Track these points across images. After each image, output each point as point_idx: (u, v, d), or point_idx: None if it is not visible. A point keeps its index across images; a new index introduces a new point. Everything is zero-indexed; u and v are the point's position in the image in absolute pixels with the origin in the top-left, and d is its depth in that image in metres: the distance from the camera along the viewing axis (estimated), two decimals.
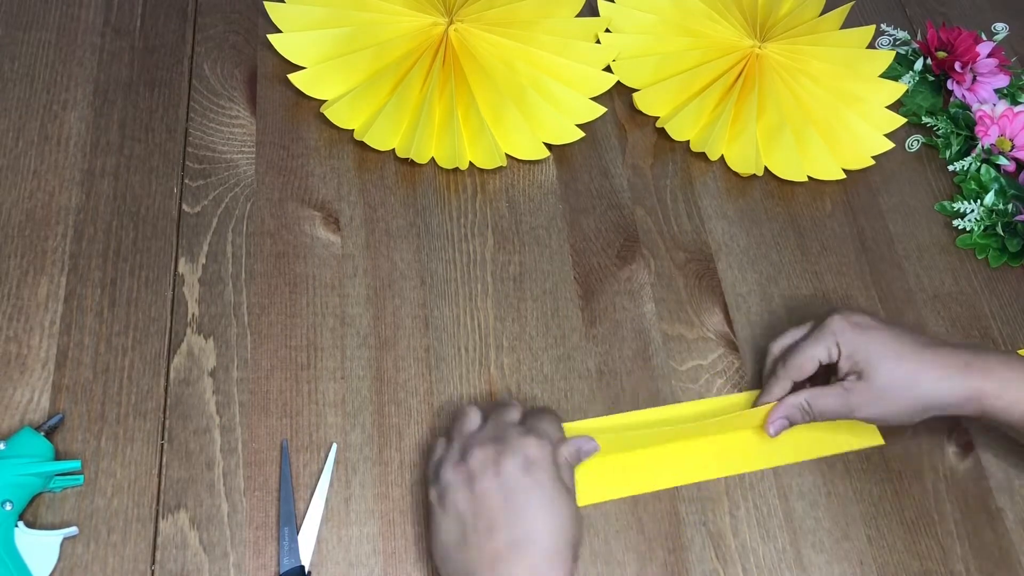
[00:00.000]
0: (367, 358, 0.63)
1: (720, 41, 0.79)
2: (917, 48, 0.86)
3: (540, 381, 0.64)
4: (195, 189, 0.67)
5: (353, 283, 0.65)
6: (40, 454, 0.54)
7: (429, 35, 0.73)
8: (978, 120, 0.80)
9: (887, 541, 0.62)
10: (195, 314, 0.62)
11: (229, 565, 0.54)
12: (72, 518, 0.54)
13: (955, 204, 0.77)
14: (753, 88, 0.76)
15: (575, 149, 0.75)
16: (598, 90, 0.76)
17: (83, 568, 0.53)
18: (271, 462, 0.58)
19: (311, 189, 0.69)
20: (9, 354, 0.59)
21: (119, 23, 0.74)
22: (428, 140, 0.71)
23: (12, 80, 0.70)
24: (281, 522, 0.55)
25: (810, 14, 0.82)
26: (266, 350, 0.62)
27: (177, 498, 0.56)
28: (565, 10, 0.78)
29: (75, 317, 0.61)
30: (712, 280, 0.71)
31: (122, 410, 0.58)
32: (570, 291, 0.68)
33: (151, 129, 0.69)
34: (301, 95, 0.72)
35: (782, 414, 0.61)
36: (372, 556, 0.56)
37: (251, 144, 0.70)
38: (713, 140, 0.75)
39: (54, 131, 0.68)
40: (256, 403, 0.60)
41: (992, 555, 0.62)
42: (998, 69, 0.84)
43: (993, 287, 0.74)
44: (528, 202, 0.72)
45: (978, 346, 0.60)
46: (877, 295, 0.72)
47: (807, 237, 0.74)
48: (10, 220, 0.64)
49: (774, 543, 0.60)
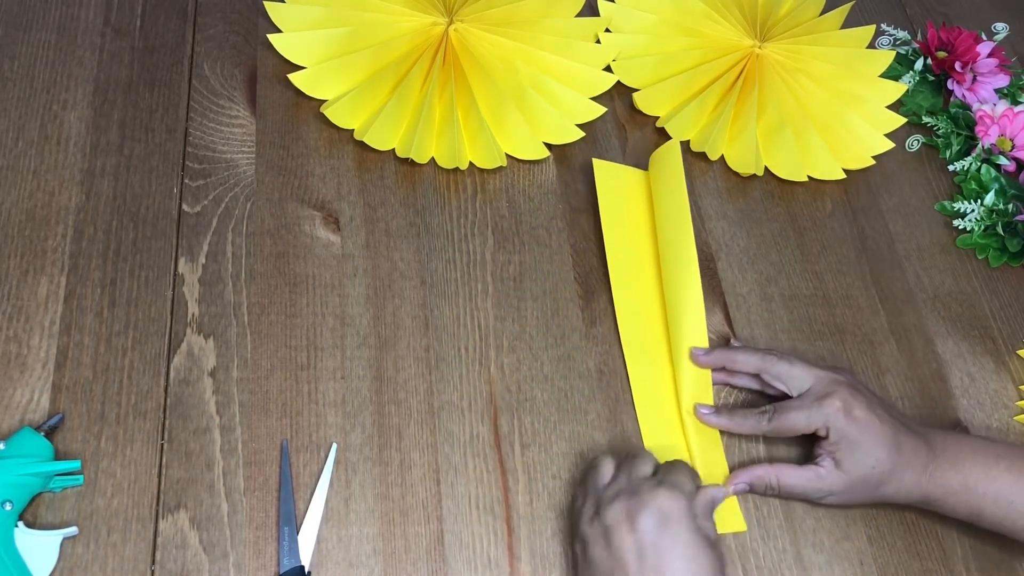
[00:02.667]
0: (367, 358, 0.63)
1: (720, 41, 0.79)
2: (917, 48, 0.86)
3: (540, 381, 0.64)
4: (195, 189, 0.67)
5: (353, 283, 0.65)
6: (40, 454, 0.54)
7: (429, 35, 0.73)
8: (978, 120, 0.80)
9: (887, 541, 0.61)
10: (195, 314, 0.62)
11: (229, 565, 0.54)
12: (72, 518, 0.54)
13: (955, 204, 0.77)
14: (753, 88, 0.76)
15: (575, 149, 0.75)
16: (598, 90, 0.76)
17: (83, 568, 0.53)
18: (271, 462, 0.58)
19: (311, 189, 0.69)
20: (9, 354, 0.59)
21: (119, 23, 0.74)
22: (428, 140, 0.71)
23: (12, 80, 0.69)
24: (281, 522, 0.55)
25: (810, 14, 0.82)
26: (266, 350, 0.62)
27: (177, 498, 0.56)
28: (565, 10, 0.78)
29: (75, 317, 0.61)
30: (712, 280, 0.71)
31: (122, 410, 0.58)
32: (570, 291, 0.68)
33: (151, 129, 0.69)
34: (301, 95, 0.72)
35: (746, 480, 0.60)
36: (372, 556, 0.56)
37: (251, 144, 0.70)
38: (713, 140, 0.75)
39: (54, 131, 0.68)
40: (256, 403, 0.60)
41: (992, 555, 0.62)
42: (998, 69, 0.84)
43: (993, 287, 0.74)
44: (528, 202, 0.72)
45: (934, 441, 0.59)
46: (877, 295, 0.72)
47: (807, 237, 0.74)
48: (10, 220, 0.64)
49: (774, 543, 0.60)
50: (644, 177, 0.73)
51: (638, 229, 0.70)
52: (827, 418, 0.58)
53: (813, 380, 0.60)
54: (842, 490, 0.58)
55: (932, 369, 0.69)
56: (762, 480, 0.60)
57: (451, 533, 0.57)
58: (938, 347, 0.71)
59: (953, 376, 0.69)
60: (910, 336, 0.71)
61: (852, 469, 0.58)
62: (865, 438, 0.57)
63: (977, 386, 0.69)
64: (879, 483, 0.58)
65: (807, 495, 0.60)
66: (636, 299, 0.67)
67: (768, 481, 0.59)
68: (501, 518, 0.58)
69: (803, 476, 0.59)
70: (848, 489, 0.58)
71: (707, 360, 0.63)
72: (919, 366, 0.69)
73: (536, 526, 0.59)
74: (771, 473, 0.59)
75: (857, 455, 0.57)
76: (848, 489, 0.58)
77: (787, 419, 0.59)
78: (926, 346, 0.70)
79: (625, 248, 0.69)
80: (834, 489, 0.58)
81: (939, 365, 0.70)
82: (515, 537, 0.58)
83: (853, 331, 0.70)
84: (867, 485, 0.58)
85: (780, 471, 0.59)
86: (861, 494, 0.59)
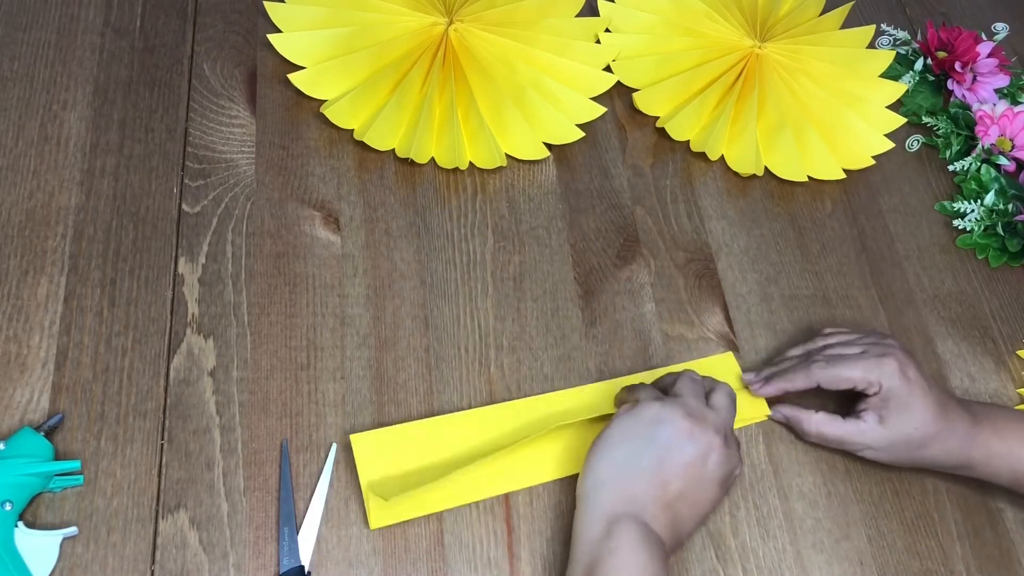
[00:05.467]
0: (367, 358, 0.63)
1: (720, 41, 0.79)
2: (917, 48, 0.86)
3: (540, 381, 0.64)
4: (195, 189, 0.67)
5: (353, 283, 0.65)
6: (40, 454, 0.54)
7: (429, 35, 0.73)
8: (978, 120, 0.80)
9: (887, 541, 0.61)
10: (195, 314, 0.62)
11: (229, 565, 0.54)
12: (72, 518, 0.54)
13: (955, 204, 0.77)
14: (753, 88, 0.76)
15: (575, 149, 0.75)
16: (598, 90, 0.76)
17: (83, 568, 0.53)
18: (271, 462, 0.58)
19: (311, 189, 0.69)
20: (9, 354, 0.59)
21: (119, 23, 0.74)
22: (428, 140, 0.71)
23: (12, 80, 0.69)
24: (281, 522, 0.55)
25: (810, 14, 0.82)
26: (266, 350, 0.62)
27: (177, 498, 0.56)
28: (565, 10, 0.78)
29: (75, 317, 0.61)
30: (712, 280, 0.71)
31: (122, 410, 0.58)
32: (570, 291, 0.68)
33: (151, 129, 0.69)
34: (301, 95, 0.72)
35: (793, 413, 0.63)
36: (372, 556, 0.56)
37: (251, 144, 0.70)
38: (713, 140, 0.75)
39: (54, 131, 0.68)
40: (256, 403, 0.60)
41: (992, 555, 0.62)
42: (998, 69, 0.84)
43: (993, 287, 0.74)
44: (528, 202, 0.72)
45: (976, 410, 0.61)
46: (877, 295, 0.72)
47: (807, 237, 0.74)
48: (10, 220, 0.64)
49: (774, 543, 0.60)
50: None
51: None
52: (882, 375, 0.59)
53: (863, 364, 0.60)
54: (882, 447, 0.60)
55: (932, 369, 0.69)
56: (800, 422, 0.62)
57: (451, 533, 0.57)
58: (938, 347, 0.71)
59: (953, 376, 0.69)
60: (910, 336, 0.71)
61: (896, 428, 0.59)
62: (915, 400, 0.59)
63: (977, 386, 0.69)
64: (920, 445, 0.59)
65: (843, 445, 0.61)
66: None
67: (805, 427, 0.62)
68: (501, 518, 0.58)
69: (844, 428, 0.61)
70: (888, 447, 0.60)
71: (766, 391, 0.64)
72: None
73: (536, 526, 0.59)
74: (811, 420, 0.62)
75: (904, 415, 0.59)
76: (888, 447, 0.60)
77: (845, 375, 0.60)
78: (926, 346, 0.70)
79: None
80: (873, 444, 0.60)
81: (939, 365, 0.70)
82: (515, 537, 0.58)
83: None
84: (908, 446, 0.60)
85: (821, 420, 0.62)
86: (901, 454, 0.60)
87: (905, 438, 0.59)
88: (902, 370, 0.59)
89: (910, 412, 0.59)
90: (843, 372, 0.60)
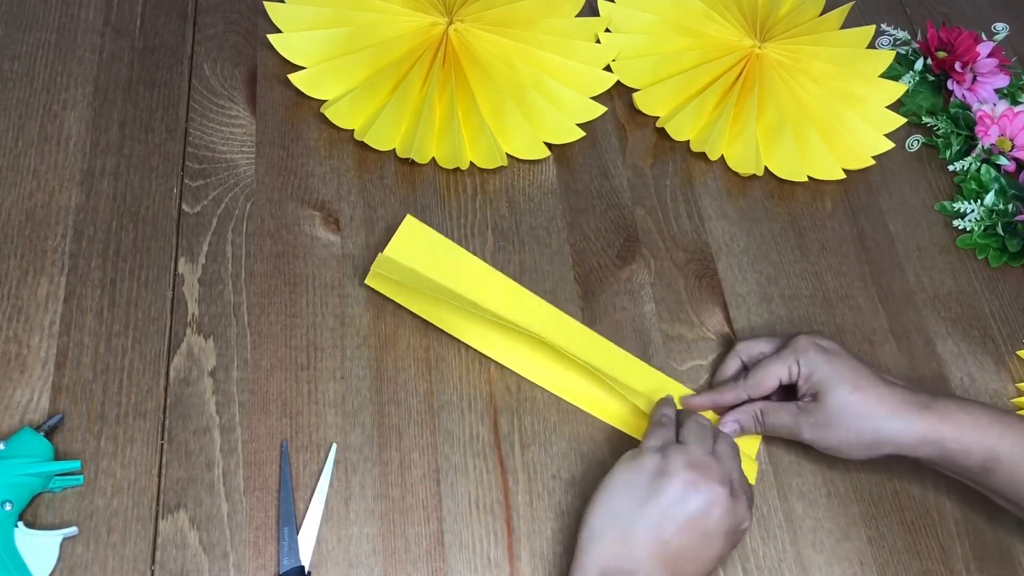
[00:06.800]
0: (367, 358, 0.63)
1: (720, 41, 0.79)
2: (917, 48, 0.86)
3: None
4: (195, 189, 0.67)
5: (353, 283, 0.65)
6: (40, 454, 0.54)
7: (429, 35, 0.73)
8: (978, 120, 0.80)
9: (887, 541, 0.62)
10: (195, 314, 0.62)
11: (229, 565, 0.54)
12: (72, 518, 0.54)
13: (955, 204, 0.77)
14: (753, 88, 0.76)
15: (575, 149, 0.75)
16: (598, 90, 0.76)
17: (83, 568, 0.53)
18: (271, 462, 0.58)
19: (311, 189, 0.69)
20: (9, 354, 0.59)
21: (119, 23, 0.74)
22: (428, 140, 0.71)
23: (12, 80, 0.69)
24: (281, 522, 0.55)
25: (810, 14, 0.82)
26: (266, 350, 0.62)
27: (177, 498, 0.56)
28: (565, 10, 0.78)
29: (75, 317, 0.61)
30: (712, 280, 0.71)
31: (122, 410, 0.58)
32: (570, 291, 0.68)
33: (151, 129, 0.69)
34: (301, 95, 0.72)
35: (735, 417, 0.62)
36: (372, 556, 0.56)
37: (251, 144, 0.70)
38: (713, 140, 0.75)
39: (54, 131, 0.68)
40: (256, 403, 0.60)
41: (992, 555, 0.62)
42: (998, 69, 0.84)
43: (993, 287, 0.74)
44: (528, 202, 0.72)
45: (935, 392, 0.60)
46: (877, 295, 0.72)
47: (807, 237, 0.74)
48: (10, 220, 0.64)
49: (774, 543, 0.60)
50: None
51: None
52: (797, 353, 0.60)
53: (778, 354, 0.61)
54: (824, 423, 0.58)
55: (932, 369, 0.69)
56: (750, 418, 0.62)
57: (451, 533, 0.57)
58: (938, 347, 0.71)
59: (953, 376, 0.69)
60: (910, 336, 0.71)
61: (830, 399, 0.58)
62: (836, 365, 0.59)
63: (977, 386, 0.69)
64: (863, 416, 0.57)
65: (791, 432, 0.60)
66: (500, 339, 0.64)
67: (756, 416, 0.62)
68: (501, 518, 0.58)
69: (785, 410, 0.60)
70: (829, 423, 0.58)
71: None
72: (919, 366, 0.69)
73: (536, 526, 0.59)
74: (756, 409, 0.62)
75: (831, 382, 0.58)
76: (829, 423, 0.58)
77: (765, 373, 0.61)
78: (926, 346, 0.70)
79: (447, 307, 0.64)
80: (816, 422, 0.59)
81: (939, 365, 0.70)
82: (515, 537, 0.58)
83: (853, 331, 0.70)
84: (850, 419, 0.57)
85: (765, 406, 0.61)
86: (850, 434, 0.58)
87: (842, 408, 0.58)
88: (813, 341, 0.60)
89: (837, 376, 0.58)
90: (762, 372, 0.61)
